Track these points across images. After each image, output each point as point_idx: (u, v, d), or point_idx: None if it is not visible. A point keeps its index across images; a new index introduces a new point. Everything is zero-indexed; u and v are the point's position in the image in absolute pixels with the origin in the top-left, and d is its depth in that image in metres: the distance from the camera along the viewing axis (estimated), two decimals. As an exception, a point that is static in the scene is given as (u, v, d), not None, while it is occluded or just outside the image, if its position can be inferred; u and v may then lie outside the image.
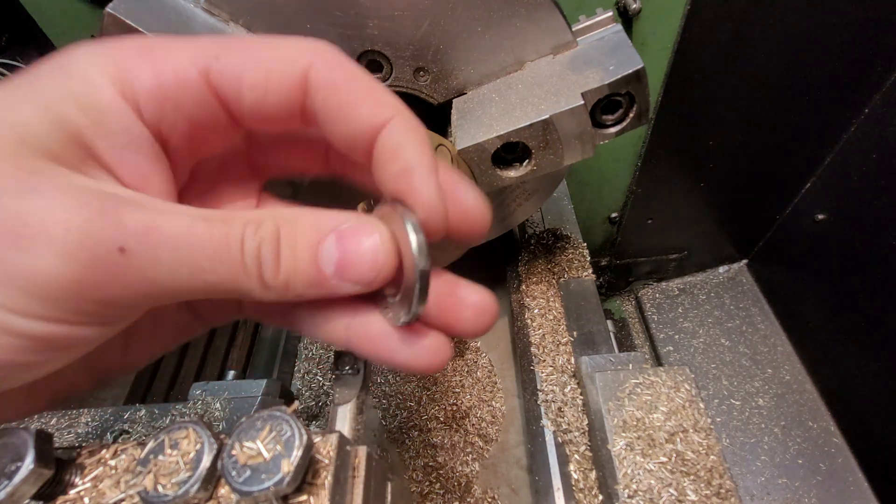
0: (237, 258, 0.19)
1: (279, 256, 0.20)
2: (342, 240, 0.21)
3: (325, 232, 0.21)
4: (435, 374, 0.59)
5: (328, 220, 0.21)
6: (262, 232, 0.20)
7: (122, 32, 0.34)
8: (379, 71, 0.41)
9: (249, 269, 0.20)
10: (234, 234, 0.19)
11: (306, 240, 0.21)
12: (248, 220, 0.20)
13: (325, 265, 0.21)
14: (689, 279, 1.25)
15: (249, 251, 0.20)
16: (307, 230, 0.21)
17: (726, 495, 0.36)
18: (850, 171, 0.87)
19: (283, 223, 0.21)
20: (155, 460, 0.21)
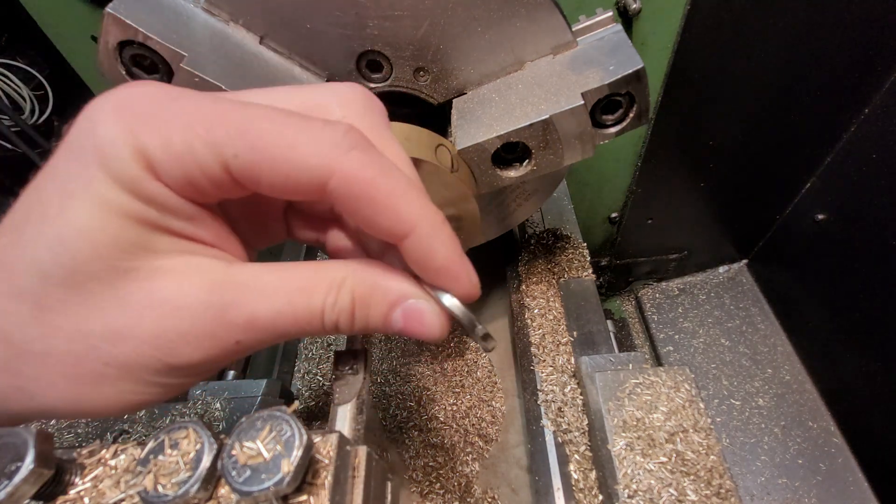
0: (318, 327, 0.24)
1: (354, 322, 0.25)
2: (407, 314, 0.25)
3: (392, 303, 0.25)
4: (434, 372, 0.59)
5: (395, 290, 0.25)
6: (340, 306, 0.24)
7: (123, 32, 0.34)
8: (379, 71, 0.41)
9: (328, 329, 0.24)
10: (315, 312, 0.23)
11: (378, 311, 0.25)
12: (326, 294, 0.23)
13: (392, 328, 0.26)
14: (689, 279, 1.25)
15: (328, 322, 0.24)
16: (379, 302, 0.25)
17: (726, 495, 0.36)
18: (850, 171, 0.87)
19: (357, 295, 0.24)
20: (155, 460, 0.21)
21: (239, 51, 0.37)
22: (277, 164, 0.21)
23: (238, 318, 0.22)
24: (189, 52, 0.35)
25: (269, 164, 0.21)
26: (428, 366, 0.60)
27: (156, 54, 0.35)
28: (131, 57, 0.36)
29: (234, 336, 0.22)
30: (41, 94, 1.38)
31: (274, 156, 0.21)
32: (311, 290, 0.23)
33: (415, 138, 0.36)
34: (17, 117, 1.28)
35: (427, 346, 0.62)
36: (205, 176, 0.21)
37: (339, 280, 0.24)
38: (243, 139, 0.21)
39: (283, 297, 0.23)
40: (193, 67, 0.35)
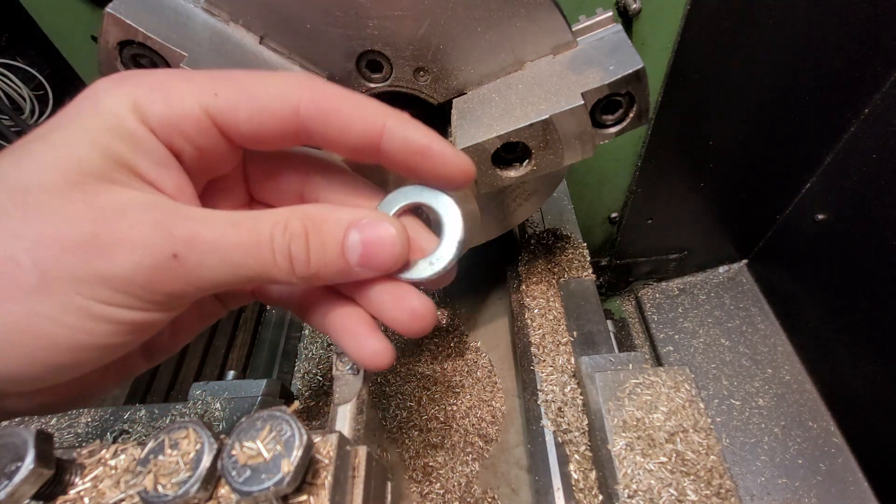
0: (268, 255, 0.23)
1: (309, 251, 0.24)
2: (364, 234, 0.25)
3: (348, 226, 0.25)
4: (434, 372, 0.59)
5: (349, 215, 0.25)
6: (291, 230, 0.24)
7: (123, 32, 0.34)
8: (379, 71, 0.41)
9: (280, 263, 0.24)
10: (264, 234, 0.23)
11: (333, 235, 0.25)
12: (275, 221, 0.24)
13: (351, 256, 0.25)
14: (689, 279, 1.25)
15: (279, 249, 0.24)
16: (332, 226, 0.25)
17: (726, 495, 0.36)
18: (850, 171, 0.87)
19: (308, 222, 0.24)
20: (155, 460, 0.21)
21: (239, 51, 0.37)
22: (255, 99, 0.24)
23: (179, 230, 0.22)
24: (189, 52, 0.35)
25: (248, 99, 0.24)
26: (428, 366, 0.60)
27: (156, 54, 0.35)
28: (131, 57, 0.36)
29: (172, 247, 0.21)
30: (41, 94, 1.38)
31: (251, 93, 0.24)
32: (258, 218, 0.24)
33: (415, 138, 0.36)
34: (17, 117, 1.28)
35: (427, 346, 0.62)
36: (187, 117, 0.23)
37: (287, 211, 0.25)
38: (223, 82, 0.24)
39: (228, 222, 0.23)
40: (193, 67, 0.35)
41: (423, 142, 0.26)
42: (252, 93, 0.24)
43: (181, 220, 0.22)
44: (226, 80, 0.24)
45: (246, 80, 0.25)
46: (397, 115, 0.26)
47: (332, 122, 0.25)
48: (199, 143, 0.24)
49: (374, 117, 0.25)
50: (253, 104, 0.24)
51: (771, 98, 0.82)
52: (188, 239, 0.22)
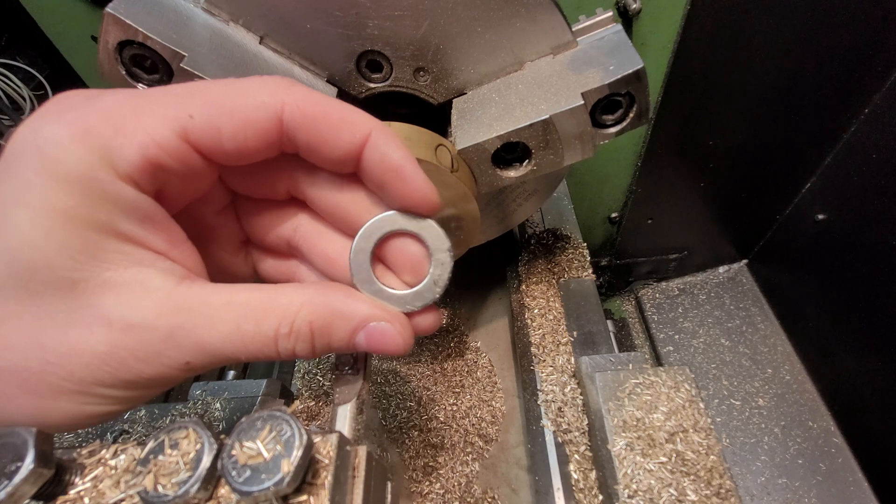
0: (272, 353, 0.24)
1: (314, 348, 0.24)
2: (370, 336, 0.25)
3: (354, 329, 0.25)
4: (434, 372, 0.59)
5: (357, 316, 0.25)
6: (296, 333, 0.24)
7: (123, 32, 0.34)
8: (379, 71, 0.41)
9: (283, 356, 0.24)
10: (268, 338, 0.23)
11: (339, 338, 0.25)
12: (280, 321, 0.23)
13: (356, 349, 0.26)
14: (689, 279, 1.25)
15: (284, 350, 0.24)
16: (340, 328, 0.25)
17: (726, 495, 0.36)
18: (850, 171, 0.87)
19: (316, 326, 0.24)
20: (155, 460, 0.21)
21: (239, 51, 0.37)
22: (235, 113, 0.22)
23: (186, 342, 0.22)
24: (189, 52, 0.35)
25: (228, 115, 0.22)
26: (428, 366, 0.60)
27: (156, 54, 0.35)
28: (131, 57, 0.36)
29: (183, 357, 0.22)
30: (41, 94, 1.38)
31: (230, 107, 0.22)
32: (261, 317, 0.23)
33: (415, 138, 0.36)
34: (17, 117, 1.28)
35: (427, 346, 0.62)
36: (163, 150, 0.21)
37: (294, 307, 0.24)
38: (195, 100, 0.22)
39: (230, 323, 0.23)
40: (193, 67, 0.35)
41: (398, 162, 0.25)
42: (231, 106, 0.22)
43: (185, 333, 0.22)
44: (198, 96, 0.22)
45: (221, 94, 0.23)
46: (383, 127, 0.25)
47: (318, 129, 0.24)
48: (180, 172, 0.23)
49: (361, 126, 0.24)
50: (235, 120, 0.22)
51: (771, 98, 0.82)
52: (196, 349, 0.22)
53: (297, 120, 0.23)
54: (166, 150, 0.21)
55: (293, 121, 0.23)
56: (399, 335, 0.26)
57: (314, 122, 0.23)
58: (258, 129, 0.23)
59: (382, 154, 0.25)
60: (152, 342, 0.22)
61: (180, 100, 0.22)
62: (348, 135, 0.24)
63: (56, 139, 0.19)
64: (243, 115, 0.22)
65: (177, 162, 0.22)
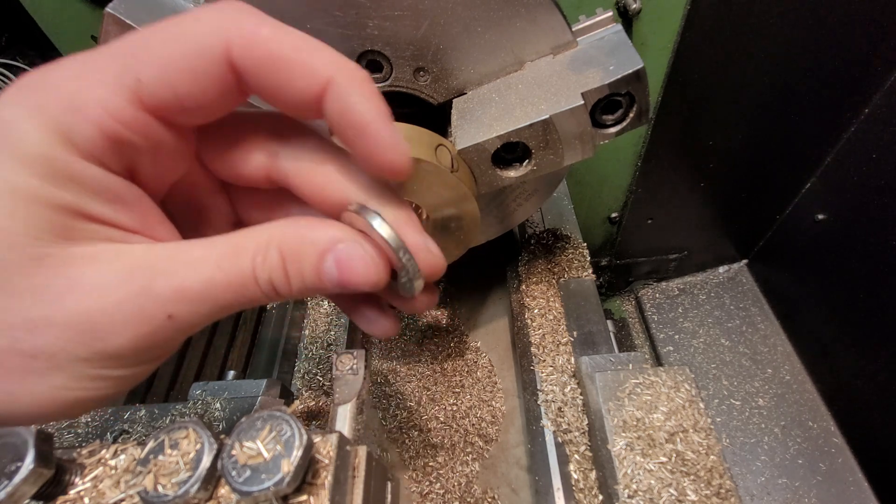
0: (253, 289, 0.23)
1: (289, 280, 0.23)
2: (339, 258, 0.24)
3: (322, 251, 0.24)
4: (434, 372, 0.59)
5: (324, 239, 0.24)
6: (269, 262, 0.23)
7: (122, 32, 0.34)
8: (379, 71, 0.41)
9: (264, 290, 0.23)
10: (246, 273, 0.22)
11: (310, 262, 0.23)
12: (253, 253, 0.22)
13: (328, 280, 0.24)
14: (689, 279, 1.25)
15: (263, 282, 0.23)
16: (308, 252, 0.23)
17: (726, 495, 0.36)
18: (850, 171, 0.87)
19: (285, 250, 0.23)
20: (155, 460, 0.21)
21: (239, 51, 0.37)
22: (180, 65, 0.20)
23: (166, 289, 0.21)
24: (189, 52, 0.35)
25: (174, 69, 0.20)
26: (428, 366, 0.60)
27: (156, 54, 0.35)
28: (131, 57, 0.36)
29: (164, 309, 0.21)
30: (41, 94, 1.38)
31: (173, 57, 0.20)
32: (238, 253, 0.22)
33: (415, 138, 0.36)
34: (17, 117, 1.28)
35: (427, 346, 0.62)
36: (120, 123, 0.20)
37: (265, 238, 0.23)
38: (138, 59, 0.20)
39: (211, 264, 0.22)
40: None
41: (362, 117, 0.22)
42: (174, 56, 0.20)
43: (164, 277, 0.21)
44: (141, 54, 0.20)
45: (163, 41, 0.20)
46: (350, 71, 0.22)
47: (268, 74, 0.21)
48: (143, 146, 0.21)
49: (319, 70, 0.21)
50: (182, 74, 0.20)
51: (771, 98, 0.82)
52: (177, 295, 0.21)
53: (244, 64, 0.21)
54: (123, 123, 0.20)
55: (241, 64, 0.21)
56: (370, 259, 0.24)
57: (262, 66, 0.21)
58: (209, 78, 0.21)
59: (343, 106, 0.22)
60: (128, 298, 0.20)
61: (125, 61, 0.20)
62: (302, 81, 0.21)
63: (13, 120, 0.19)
64: (189, 65, 0.20)
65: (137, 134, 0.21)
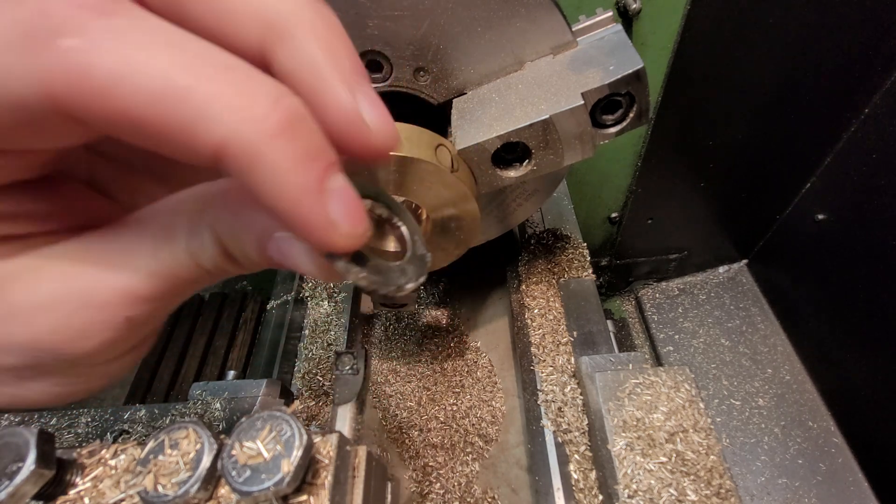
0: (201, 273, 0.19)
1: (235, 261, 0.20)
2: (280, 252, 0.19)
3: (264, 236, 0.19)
4: (434, 372, 0.59)
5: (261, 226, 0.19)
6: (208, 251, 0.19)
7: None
8: (379, 71, 0.41)
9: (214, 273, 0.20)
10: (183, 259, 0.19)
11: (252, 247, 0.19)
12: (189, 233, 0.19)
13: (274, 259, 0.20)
14: (689, 279, 1.25)
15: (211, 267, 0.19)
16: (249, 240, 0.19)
17: (726, 495, 0.36)
18: (850, 171, 0.87)
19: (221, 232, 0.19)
20: (155, 460, 0.21)
21: (239, 51, 0.37)
22: None
23: (111, 297, 0.19)
24: (189, 52, 0.35)
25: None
26: (428, 366, 0.60)
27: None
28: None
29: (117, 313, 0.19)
30: (41, 94, 1.38)
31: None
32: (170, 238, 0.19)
33: (415, 138, 0.36)
34: (18, 117, 1.28)
35: (427, 346, 0.62)
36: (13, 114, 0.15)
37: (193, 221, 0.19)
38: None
39: (147, 255, 0.19)
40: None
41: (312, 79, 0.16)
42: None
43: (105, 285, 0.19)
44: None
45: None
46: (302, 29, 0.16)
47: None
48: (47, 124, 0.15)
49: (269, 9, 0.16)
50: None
51: (771, 98, 0.82)
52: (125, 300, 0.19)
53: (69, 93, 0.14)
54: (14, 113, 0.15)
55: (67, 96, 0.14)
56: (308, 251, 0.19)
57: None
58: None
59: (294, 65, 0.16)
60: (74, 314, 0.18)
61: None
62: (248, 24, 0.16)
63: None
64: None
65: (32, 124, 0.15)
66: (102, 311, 0.18)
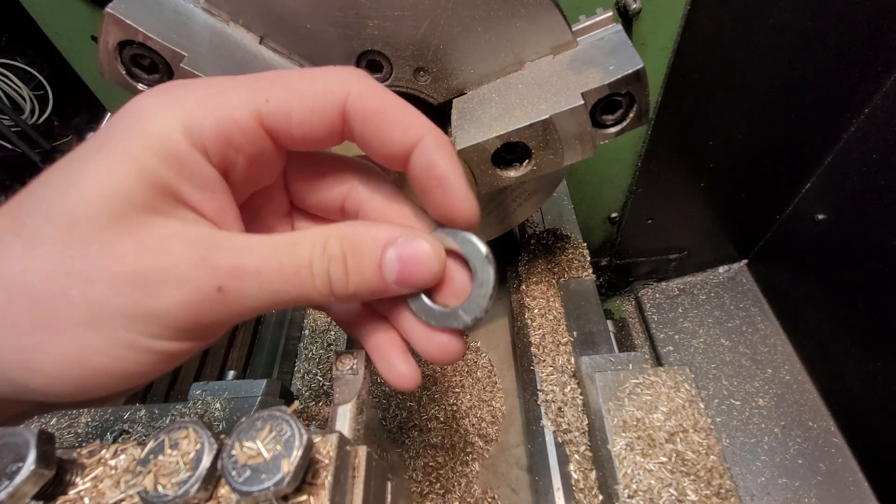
0: (308, 279, 0.23)
1: (347, 273, 0.24)
2: (400, 251, 0.25)
3: (384, 245, 0.25)
4: (434, 372, 0.59)
5: (385, 234, 0.25)
6: (330, 252, 0.24)
7: (123, 32, 0.34)
8: (379, 71, 0.41)
9: (319, 286, 0.24)
10: (302, 259, 0.23)
11: (370, 256, 0.25)
12: (313, 243, 0.24)
13: (388, 275, 0.25)
14: (689, 279, 1.25)
15: (318, 272, 0.24)
16: (370, 245, 0.25)
17: (726, 495, 0.36)
18: (850, 171, 0.87)
19: (346, 242, 0.24)
20: (155, 460, 0.21)
21: (239, 51, 0.37)
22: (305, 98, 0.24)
23: (222, 263, 0.22)
24: (189, 52, 0.35)
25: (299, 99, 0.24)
26: (428, 366, 0.60)
27: (156, 54, 0.35)
28: (131, 57, 0.36)
29: (216, 279, 0.22)
30: (41, 94, 1.38)
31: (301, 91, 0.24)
32: (296, 242, 0.24)
33: (415, 138, 0.36)
34: (17, 117, 1.28)
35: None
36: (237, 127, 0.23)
37: (324, 233, 0.24)
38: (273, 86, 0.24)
39: (268, 248, 0.23)
40: (193, 67, 0.35)
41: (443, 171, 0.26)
42: (302, 91, 0.24)
43: (224, 252, 0.22)
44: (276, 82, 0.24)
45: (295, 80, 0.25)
46: (437, 133, 0.26)
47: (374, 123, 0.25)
48: (251, 152, 0.25)
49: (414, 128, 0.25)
50: (304, 104, 0.24)
51: (771, 98, 0.82)
52: (231, 271, 0.22)
53: (357, 110, 0.24)
54: (240, 127, 0.23)
55: (353, 110, 0.24)
56: (431, 252, 0.25)
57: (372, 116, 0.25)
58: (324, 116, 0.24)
59: (430, 160, 0.26)
60: (185, 262, 0.21)
61: (261, 85, 0.24)
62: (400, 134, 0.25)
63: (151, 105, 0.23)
64: (311, 102, 0.24)
65: (247, 140, 0.24)
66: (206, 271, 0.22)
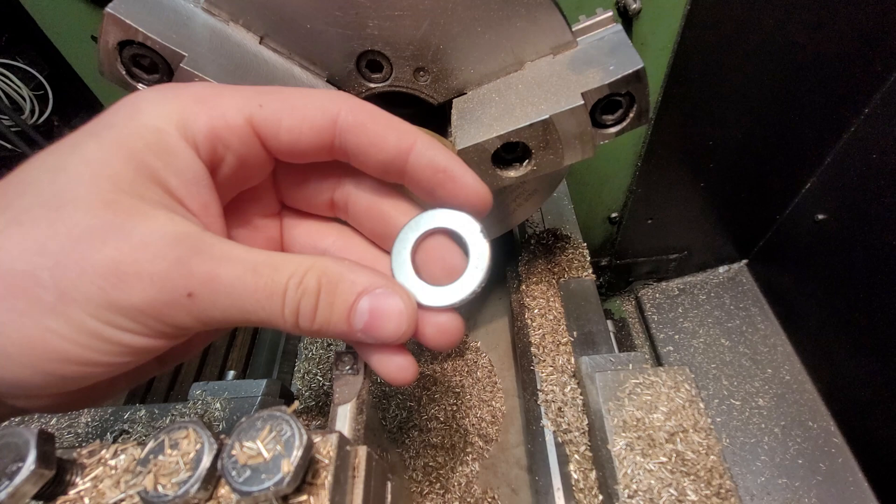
0: (278, 306, 0.23)
1: (316, 310, 0.24)
2: (374, 304, 0.25)
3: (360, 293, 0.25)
4: (434, 372, 0.59)
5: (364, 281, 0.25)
6: (305, 286, 0.24)
7: (123, 32, 0.34)
8: (379, 71, 0.41)
9: (287, 316, 0.24)
10: (278, 286, 0.23)
11: (343, 300, 0.24)
12: (292, 272, 0.23)
13: (356, 323, 0.25)
14: (689, 279, 1.25)
15: (290, 302, 0.23)
16: (345, 289, 0.25)
17: (726, 495, 0.36)
18: (850, 171, 0.87)
19: (324, 279, 0.24)
20: (155, 460, 0.21)
21: (239, 51, 0.37)
22: (296, 109, 0.25)
23: (198, 270, 0.22)
24: (189, 52, 0.35)
25: (290, 109, 0.25)
26: (428, 366, 0.60)
27: (156, 54, 0.35)
28: (131, 57, 0.36)
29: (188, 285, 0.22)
30: (41, 94, 1.38)
31: (293, 103, 0.25)
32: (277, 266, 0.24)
33: (415, 138, 0.36)
34: (17, 117, 1.28)
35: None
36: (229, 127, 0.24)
37: (307, 264, 0.24)
38: (269, 95, 0.25)
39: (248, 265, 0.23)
40: (193, 67, 0.35)
41: (446, 163, 0.27)
42: (294, 103, 0.25)
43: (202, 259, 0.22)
44: (270, 92, 0.25)
45: (289, 93, 0.26)
46: (428, 136, 0.27)
47: (367, 134, 0.26)
48: (240, 153, 0.25)
49: (406, 134, 0.26)
50: (294, 114, 0.25)
51: (771, 98, 0.82)
52: (206, 279, 0.22)
53: (350, 122, 0.25)
54: (231, 127, 0.24)
55: (346, 122, 0.25)
56: (404, 311, 0.25)
57: (365, 123, 0.26)
58: (313, 128, 0.25)
59: (431, 156, 0.27)
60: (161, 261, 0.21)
61: (256, 93, 0.25)
62: (395, 138, 0.26)
63: (149, 99, 0.24)
64: (303, 112, 0.25)
65: (238, 140, 0.25)
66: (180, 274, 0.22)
